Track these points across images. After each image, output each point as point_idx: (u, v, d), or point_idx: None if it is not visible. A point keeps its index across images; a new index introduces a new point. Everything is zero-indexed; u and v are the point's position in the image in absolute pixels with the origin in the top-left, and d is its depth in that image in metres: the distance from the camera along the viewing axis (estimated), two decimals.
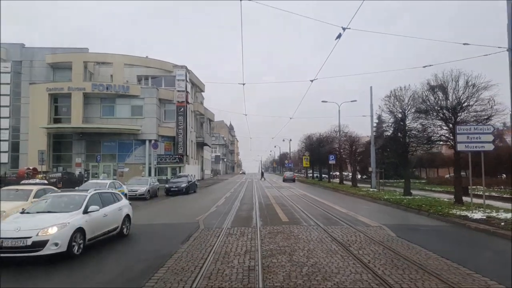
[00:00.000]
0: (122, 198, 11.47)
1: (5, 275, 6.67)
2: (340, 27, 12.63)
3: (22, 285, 6.44)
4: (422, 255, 7.96)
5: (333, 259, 7.58)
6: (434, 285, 5.88)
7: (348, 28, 12.71)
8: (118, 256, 8.62)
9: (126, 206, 11.24)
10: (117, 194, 11.59)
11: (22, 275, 6.95)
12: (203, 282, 6.08)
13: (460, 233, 11.24)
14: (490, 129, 14.23)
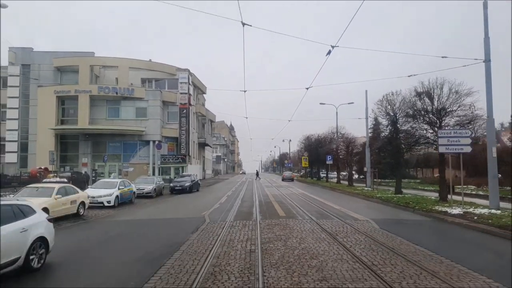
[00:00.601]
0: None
1: None
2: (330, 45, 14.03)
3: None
4: (397, 242, 9.40)
5: (321, 244, 9.02)
6: (399, 262, 7.31)
7: (336, 46, 14.13)
8: (143, 242, 10.02)
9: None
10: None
11: None
12: (213, 261, 7.49)
13: (436, 226, 12.69)
14: (468, 133, 15.65)
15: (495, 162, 15.12)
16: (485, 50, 15.31)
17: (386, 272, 6.62)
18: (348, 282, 6.02)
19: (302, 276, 6.36)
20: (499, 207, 14.81)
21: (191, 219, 13.89)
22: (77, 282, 6.54)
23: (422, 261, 7.39)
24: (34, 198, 13.48)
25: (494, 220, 12.32)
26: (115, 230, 12.26)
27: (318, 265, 7.11)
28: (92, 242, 10.42)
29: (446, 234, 11.21)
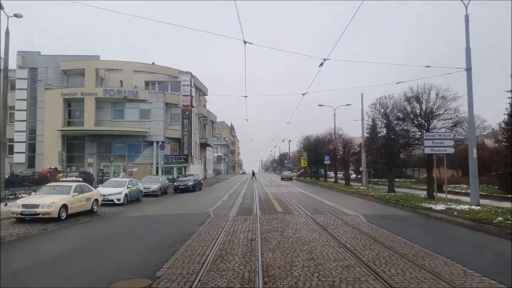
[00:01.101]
0: None
1: None
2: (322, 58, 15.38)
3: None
4: (379, 232, 10.75)
5: (313, 234, 10.36)
6: (376, 247, 8.66)
7: (328, 59, 15.50)
8: (156, 233, 11.36)
9: None
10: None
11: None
12: (220, 246, 8.83)
13: (419, 220, 14.04)
14: (451, 136, 17.01)
15: (475, 163, 16.46)
16: (467, 60, 16.64)
17: (364, 254, 7.96)
18: (331, 261, 7.36)
19: (294, 257, 7.71)
20: (479, 204, 16.16)
21: (197, 215, 15.22)
22: (112, 259, 7.87)
23: (397, 247, 8.73)
24: (53, 195, 14.87)
25: (470, 214, 13.65)
26: (129, 224, 13.61)
27: (308, 249, 8.45)
28: (112, 233, 11.77)
29: (425, 227, 12.56)
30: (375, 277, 6.30)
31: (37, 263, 7.97)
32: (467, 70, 16.60)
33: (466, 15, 16.62)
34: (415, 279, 6.21)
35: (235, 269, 6.85)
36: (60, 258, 8.43)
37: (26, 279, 6.77)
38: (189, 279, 6.21)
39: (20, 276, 6.98)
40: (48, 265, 7.79)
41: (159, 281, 6.15)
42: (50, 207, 13.82)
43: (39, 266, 7.68)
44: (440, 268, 6.86)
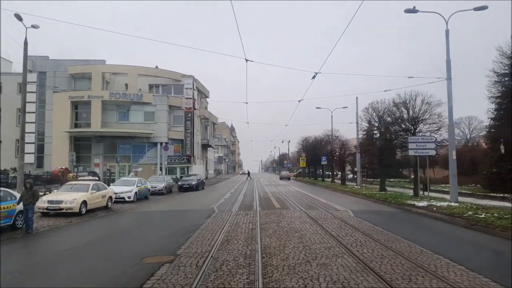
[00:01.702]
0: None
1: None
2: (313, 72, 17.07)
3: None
4: (362, 224, 12.45)
5: (304, 225, 12.07)
6: (356, 235, 10.36)
7: (319, 73, 17.19)
8: (169, 224, 13.07)
9: None
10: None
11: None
12: (225, 234, 10.53)
13: (401, 215, 15.76)
14: (433, 139, 18.70)
15: (455, 164, 18.16)
16: (447, 70, 18.34)
17: (345, 239, 9.67)
18: (317, 244, 9.08)
19: (287, 241, 9.42)
20: (457, 201, 17.85)
21: (203, 210, 16.93)
22: (137, 243, 9.57)
23: (373, 234, 10.44)
24: (74, 192, 16.57)
25: (447, 210, 15.35)
26: (143, 218, 15.34)
27: (299, 235, 10.17)
28: (130, 225, 13.50)
29: (404, 220, 14.29)
30: (349, 254, 8.01)
31: (74, 246, 9.70)
32: (447, 79, 18.30)
33: (447, 30, 18.32)
34: (380, 255, 7.92)
35: (239, 249, 8.57)
36: (93, 243, 10.16)
37: (71, 258, 8.49)
38: (203, 255, 7.92)
39: (66, 254, 8.71)
40: (85, 248, 9.51)
41: (180, 256, 7.86)
42: (72, 203, 15.54)
43: (78, 249, 9.40)
44: (403, 248, 8.57)
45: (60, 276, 6.95)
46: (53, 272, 7.22)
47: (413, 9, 18.48)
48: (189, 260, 7.58)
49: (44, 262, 8.14)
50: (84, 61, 44.63)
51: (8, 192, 12.68)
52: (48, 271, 7.34)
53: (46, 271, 7.34)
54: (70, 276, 6.87)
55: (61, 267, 7.64)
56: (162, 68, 47.42)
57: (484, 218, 12.69)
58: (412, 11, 18.48)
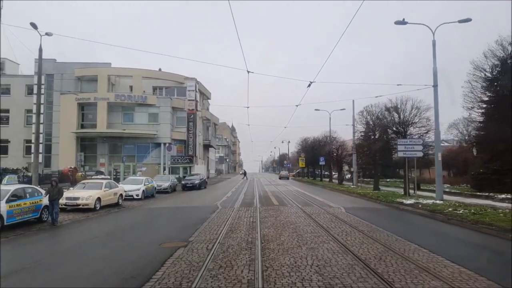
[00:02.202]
0: None
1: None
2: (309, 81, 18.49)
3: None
4: (350, 218, 13.93)
5: (299, 219, 13.55)
6: (344, 227, 11.84)
7: (314, 82, 18.66)
8: (179, 218, 14.54)
9: None
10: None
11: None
12: (229, 226, 12.00)
13: (389, 211, 17.23)
14: (420, 142, 20.19)
15: (440, 164, 19.63)
16: (434, 77, 19.79)
17: (333, 230, 11.14)
18: (308, 233, 10.55)
19: (283, 231, 10.90)
20: (442, 199, 19.32)
21: (207, 206, 18.40)
22: (153, 233, 11.03)
23: (359, 226, 11.91)
24: (89, 190, 18.05)
25: (431, 207, 16.81)
26: (153, 213, 16.79)
27: (294, 227, 11.64)
28: (143, 219, 14.97)
29: (390, 215, 15.77)
30: (335, 241, 9.48)
31: (99, 236, 11.18)
32: (434, 86, 19.77)
33: (433, 40, 19.78)
34: (361, 242, 9.39)
35: (242, 237, 10.05)
36: (114, 233, 11.64)
37: (99, 243, 9.98)
38: (212, 241, 9.40)
39: (94, 241, 10.20)
40: (109, 237, 11.00)
41: (192, 242, 9.33)
42: (88, 199, 17.04)
43: (103, 237, 10.89)
44: (381, 237, 10.05)
45: (95, 256, 8.43)
46: (89, 254, 8.71)
47: (403, 21, 19.93)
48: (200, 245, 9.06)
49: (78, 247, 9.62)
50: (90, 64, 46.11)
51: (35, 188, 14.19)
52: (84, 253, 8.82)
53: (83, 253, 8.82)
54: (104, 257, 8.35)
55: (93, 250, 9.12)
56: (165, 71, 48.89)
57: (460, 214, 14.17)
58: (401, 23, 19.93)
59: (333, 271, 6.67)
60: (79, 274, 6.92)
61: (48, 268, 7.42)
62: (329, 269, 6.83)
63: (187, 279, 6.24)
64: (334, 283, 6.01)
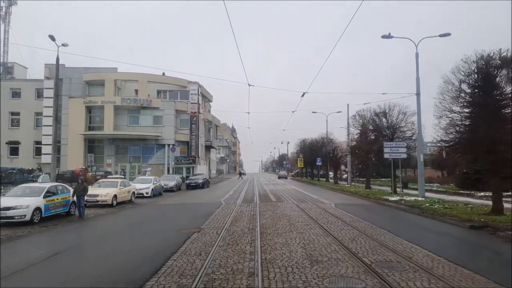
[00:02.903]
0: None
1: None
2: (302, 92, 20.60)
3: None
4: (338, 211, 16.04)
5: (293, 212, 15.67)
6: (330, 218, 13.95)
7: (307, 92, 20.76)
8: (188, 212, 16.63)
9: None
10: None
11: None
12: (233, 218, 14.10)
13: (374, 206, 19.34)
14: (404, 144, 22.28)
15: (422, 165, 21.76)
16: (417, 86, 21.89)
17: (321, 220, 13.24)
18: (299, 223, 12.66)
19: (278, 221, 13.01)
20: (424, 196, 21.42)
21: (212, 203, 20.49)
22: (170, 223, 13.12)
23: (343, 218, 14.02)
24: (106, 188, 20.14)
25: (411, 203, 18.89)
26: (164, 209, 18.90)
27: (288, 218, 13.76)
28: (157, 213, 17.09)
29: (373, 209, 17.88)
30: (320, 227, 11.59)
31: (123, 226, 13.29)
32: (416, 94, 21.87)
33: (416, 53, 21.89)
34: (341, 229, 11.49)
35: (244, 225, 12.16)
36: (136, 224, 13.75)
37: (126, 231, 12.09)
38: (220, 228, 11.51)
39: (121, 229, 12.31)
40: (133, 226, 13.11)
41: (203, 229, 11.43)
42: (106, 196, 19.12)
43: (127, 227, 13.00)
44: (359, 226, 12.16)
45: (128, 239, 10.54)
46: (122, 238, 10.82)
47: (389, 35, 22.04)
48: (211, 231, 11.16)
49: (110, 233, 11.74)
50: (98, 69, 48.19)
51: (65, 186, 16.30)
52: (118, 237, 10.93)
53: (117, 237, 10.94)
54: (136, 239, 10.47)
55: (124, 235, 11.24)
56: (169, 76, 51.00)
57: (434, 208, 16.28)
58: (387, 37, 22.04)
59: (314, 247, 8.78)
60: (120, 250, 9.03)
61: (94, 247, 9.54)
62: (312, 245, 8.94)
63: (205, 251, 8.34)
64: (313, 253, 8.12)
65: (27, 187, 15.30)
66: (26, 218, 12.94)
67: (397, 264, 7.26)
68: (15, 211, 12.84)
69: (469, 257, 8.39)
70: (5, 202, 13.20)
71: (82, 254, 8.97)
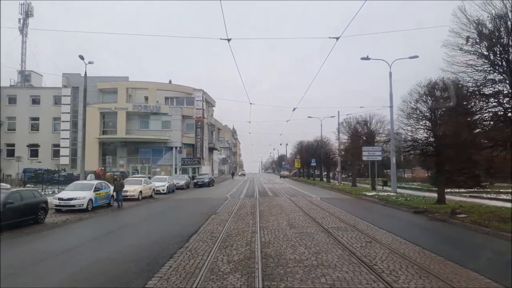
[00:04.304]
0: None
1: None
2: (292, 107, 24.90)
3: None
4: (322, 203, 20.40)
5: (285, 203, 20.04)
6: (314, 207, 18.31)
7: (297, 108, 25.07)
8: (202, 204, 20.98)
9: None
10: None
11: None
12: (238, 207, 18.43)
13: (351, 199, 23.71)
14: (379, 149, 26.64)
15: (395, 166, 26.08)
16: (390, 100, 26.20)
17: (305, 208, 17.59)
18: (288, 209, 17.03)
19: (272, 209, 17.38)
20: (396, 192, 25.75)
21: (220, 198, 24.82)
22: (191, 210, 17.43)
23: (324, 208, 18.37)
24: (133, 185, 24.46)
25: (383, 197, 23.18)
26: (182, 202, 23.23)
27: (280, 207, 18.14)
28: (178, 204, 21.43)
29: (349, 201, 22.26)
30: (304, 213, 15.95)
31: (156, 212, 17.64)
32: (390, 107, 26.21)
33: (390, 72, 26.26)
34: (318, 212, 15.84)
35: (247, 210, 16.54)
36: (165, 210, 18.11)
37: (162, 214, 16.47)
38: (230, 212, 15.88)
39: (156, 214, 16.70)
40: (164, 211, 17.49)
41: (218, 212, 15.79)
42: (134, 192, 23.47)
43: (160, 212, 17.36)
44: (334, 212, 16.51)
45: (164, 220, 14.89)
46: (159, 220, 15.17)
47: (367, 57, 26.40)
48: (224, 213, 15.52)
49: (149, 217, 16.09)
50: (111, 78, 52.59)
51: (106, 183, 20.65)
52: (156, 219, 15.29)
53: (155, 219, 15.28)
54: (170, 220, 14.82)
55: (160, 218, 15.59)
56: (176, 83, 55.44)
57: (398, 200, 20.61)
58: (366, 58, 26.39)
59: (294, 221, 13.14)
60: (166, 224, 13.39)
61: (146, 223, 13.90)
62: (293, 221, 13.31)
63: (221, 224, 12.67)
64: (293, 224, 12.47)
65: (79, 183, 19.70)
66: (83, 207, 17.28)
67: (344, 228, 11.63)
68: (76, 201, 17.19)
69: (397, 227, 12.68)
70: (67, 194, 17.58)
71: (141, 226, 13.30)
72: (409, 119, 18.98)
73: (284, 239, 9.82)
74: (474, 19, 13.44)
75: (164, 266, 7.13)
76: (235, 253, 8.23)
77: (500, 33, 13.14)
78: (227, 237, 10.13)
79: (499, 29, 13.21)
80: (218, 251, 8.38)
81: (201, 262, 7.37)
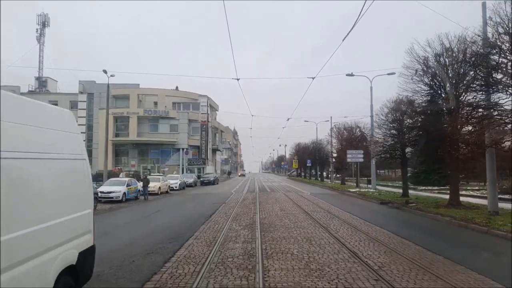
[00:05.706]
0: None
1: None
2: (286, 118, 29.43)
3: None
4: (311, 197, 24.95)
5: (280, 197, 24.63)
6: (303, 199, 22.89)
7: (290, 118, 29.58)
8: (211, 197, 25.54)
9: None
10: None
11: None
12: (242, 199, 22.97)
13: (336, 194, 28.28)
14: (361, 152, 31.14)
15: (374, 167, 30.63)
16: (371, 110, 30.71)
17: (295, 200, 22.15)
18: (282, 200, 21.63)
19: (269, 200, 21.97)
20: (375, 188, 30.28)
21: (226, 193, 29.36)
22: (204, 202, 21.98)
23: (310, 199, 22.92)
24: (153, 182, 29.00)
25: (362, 193, 27.71)
26: (194, 196, 27.77)
27: (275, 199, 22.74)
28: (192, 197, 25.99)
29: (334, 196, 26.82)
30: (293, 203, 20.52)
31: (176, 203, 22.22)
32: (370, 116, 30.74)
33: (371, 86, 30.81)
34: (306, 204, 20.41)
35: (249, 201, 21.13)
36: (184, 201, 22.68)
37: (181, 204, 21.09)
38: (236, 202, 20.50)
39: (177, 204, 21.33)
40: (183, 202, 22.08)
41: (226, 203, 20.37)
42: (154, 187, 28.00)
43: (180, 203, 21.97)
44: (319, 203, 21.07)
45: (184, 208, 19.47)
46: (180, 207, 19.74)
47: (351, 74, 30.96)
48: (231, 203, 20.08)
49: (172, 205, 20.65)
50: (123, 85, 57.12)
51: (134, 180, 25.25)
52: (178, 207, 19.86)
53: (177, 207, 19.86)
54: (188, 208, 19.41)
55: (180, 207, 20.17)
56: (182, 90, 60.06)
57: (374, 195, 25.13)
58: (350, 75, 30.95)
59: (285, 208, 17.72)
60: (188, 210, 17.97)
61: (173, 209, 18.50)
62: (284, 208, 17.87)
63: (231, 209, 17.21)
64: (284, 209, 17.04)
65: (114, 180, 24.32)
66: (119, 199, 21.86)
67: (319, 212, 16.21)
68: (113, 194, 21.79)
69: (359, 211, 17.17)
70: (106, 189, 22.17)
71: (172, 210, 17.84)
72: (380, 129, 23.57)
73: (275, 216, 14.40)
74: (421, 57, 18.00)
75: (200, 227, 11.70)
76: (243, 222, 12.81)
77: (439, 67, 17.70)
78: (237, 216, 14.71)
79: (439, 64, 17.78)
80: (232, 222, 12.96)
81: (223, 226, 11.96)
